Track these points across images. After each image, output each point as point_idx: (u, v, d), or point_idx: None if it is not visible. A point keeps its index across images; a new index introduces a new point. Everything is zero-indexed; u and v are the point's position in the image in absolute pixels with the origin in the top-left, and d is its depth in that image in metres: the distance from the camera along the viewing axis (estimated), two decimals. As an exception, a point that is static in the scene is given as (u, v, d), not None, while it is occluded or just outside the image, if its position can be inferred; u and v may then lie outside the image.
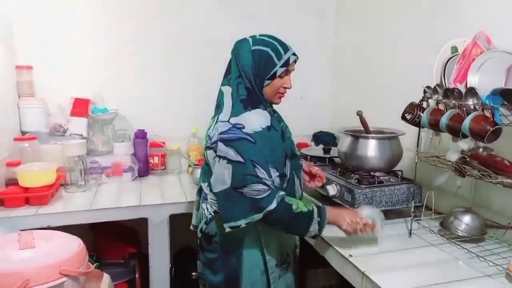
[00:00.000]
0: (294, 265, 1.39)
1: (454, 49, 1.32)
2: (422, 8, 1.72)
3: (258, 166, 1.15)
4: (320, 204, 1.25)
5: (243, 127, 1.17)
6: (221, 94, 1.28)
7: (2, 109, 1.76)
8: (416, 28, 1.75)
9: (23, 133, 1.92)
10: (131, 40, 2.16)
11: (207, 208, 1.31)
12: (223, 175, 1.17)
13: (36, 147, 1.79)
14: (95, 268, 1.33)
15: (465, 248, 1.20)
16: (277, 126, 1.28)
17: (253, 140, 1.16)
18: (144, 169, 2.10)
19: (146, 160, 2.12)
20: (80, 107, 2.00)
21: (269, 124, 1.21)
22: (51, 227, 1.45)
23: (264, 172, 1.16)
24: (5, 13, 1.90)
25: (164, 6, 2.20)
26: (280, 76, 1.25)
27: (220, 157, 1.18)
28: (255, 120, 1.19)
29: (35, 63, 1.99)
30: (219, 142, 1.18)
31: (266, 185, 1.15)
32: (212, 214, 1.29)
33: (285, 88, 1.28)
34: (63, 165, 1.80)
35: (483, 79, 1.18)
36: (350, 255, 1.20)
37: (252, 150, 1.16)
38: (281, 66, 1.23)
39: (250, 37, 1.27)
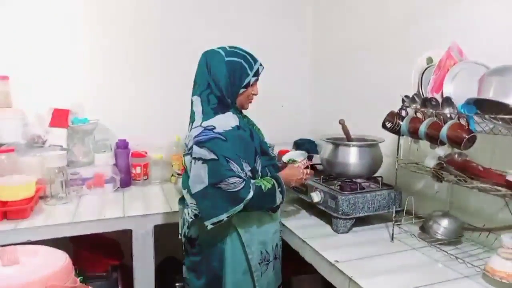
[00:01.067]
0: (275, 262, 1.43)
1: (430, 60, 1.39)
2: (399, 18, 1.79)
3: (231, 161, 1.23)
4: (274, 174, 1.38)
5: (214, 128, 1.26)
6: (192, 104, 1.35)
7: (-23, 121, 1.70)
8: (394, 37, 1.81)
9: (0, 145, 1.86)
10: (111, 49, 2.14)
11: (188, 213, 1.36)
12: (200, 175, 1.24)
13: (13, 159, 1.74)
14: (80, 282, 1.31)
15: (444, 251, 1.25)
16: (246, 127, 1.36)
17: (224, 138, 1.24)
18: (126, 180, 2.07)
19: (128, 170, 2.10)
20: (60, 117, 1.96)
21: (238, 124, 1.31)
22: (31, 242, 1.41)
23: (237, 166, 1.24)
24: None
25: (144, 15, 2.19)
26: (251, 85, 1.36)
27: (195, 158, 1.24)
28: (225, 121, 1.29)
29: (11, 73, 1.94)
30: (194, 146, 1.25)
31: (240, 177, 1.23)
32: (193, 217, 1.33)
33: (254, 95, 1.41)
34: (42, 177, 1.76)
35: (458, 89, 1.24)
36: (337, 261, 1.23)
37: (224, 147, 1.23)
38: (253, 76, 1.34)
39: (220, 48, 1.35)
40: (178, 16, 2.25)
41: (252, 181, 1.29)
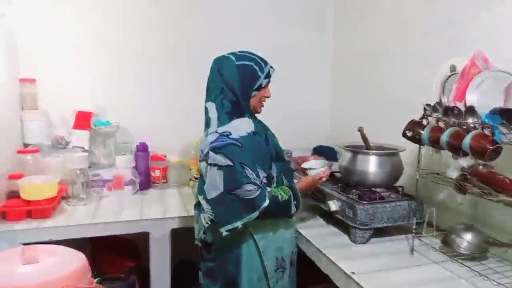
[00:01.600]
0: (291, 269, 1.42)
1: (453, 68, 1.35)
2: (422, 26, 1.75)
3: (247, 168, 1.22)
4: (292, 185, 1.39)
5: (230, 134, 1.25)
6: (206, 111, 1.35)
7: (5, 122, 1.77)
8: (416, 44, 1.78)
9: (26, 145, 1.93)
10: (134, 53, 2.20)
11: (204, 218, 1.35)
12: (215, 182, 1.23)
13: (38, 159, 1.80)
14: (97, 283, 1.33)
15: (468, 267, 1.20)
16: (261, 132, 1.36)
17: (240, 144, 1.24)
18: (145, 182, 2.10)
19: (148, 173, 2.13)
20: (83, 120, 2.01)
21: (253, 130, 1.30)
22: (52, 241, 1.45)
23: (253, 173, 1.23)
24: (9, 27, 1.92)
25: (166, 20, 2.24)
26: (263, 87, 1.36)
27: (211, 165, 1.24)
28: (240, 126, 1.28)
29: (38, 76, 2.01)
30: (209, 152, 1.25)
31: (256, 184, 1.22)
32: (209, 223, 1.33)
33: (266, 97, 1.40)
34: (65, 178, 1.81)
35: (482, 98, 1.20)
36: (353, 272, 1.20)
37: (239, 153, 1.23)
38: (264, 78, 1.34)
39: (230, 54, 1.36)
40: (196, 22, 2.29)
41: (268, 189, 1.28)
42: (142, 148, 2.13)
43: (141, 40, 2.20)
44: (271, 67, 1.37)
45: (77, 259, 1.06)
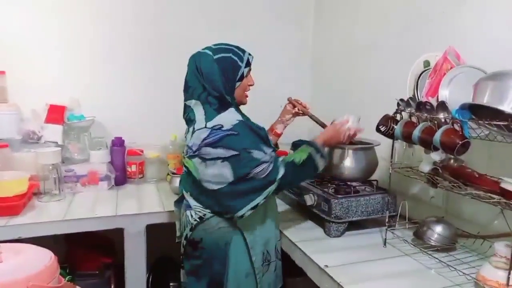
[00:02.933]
0: (276, 261, 1.43)
1: (427, 63, 1.36)
2: (397, 21, 1.77)
3: (252, 150, 1.22)
4: (309, 141, 1.35)
5: (222, 126, 1.23)
6: (189, 109, 1.32)
7: (-28, 116, 1.70)
8: (391, 41, 1.80)
9: (-5, 140, 1.86)
10: (109, 46, 2.14)
11: (191, 215, 1.33)
12: (222, 174, 1.21)
13: (7, 155, 1.74)
14: (68, 281, 1.30)
15: (437, 258, 1.23)
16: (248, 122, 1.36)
17: (236, 133, 1.22)
18: (121, 178, 2.06)
19: (124, 168, 2.09)
20: (56, 113, 1.96)
21: (241, 119, 1.29)
22: (22, 239, 1.40)
23: (259, 152, 1.23)
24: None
25: (143, 12, 2.18)
26: (245, 76, 1.34)
27: (211, 159, 1.22)
28: (229, 117, 1.26)
29: (7, 68, 1.93)
30: (205, 148, 1.22)
31: (266, 161, 1.22)
32: (198, 220, 1.31)
33: (250, 85, 1.38)
34: (36, 173, 1.76)
35: (454, 93, 1.22)
36: (326, 266, 1.21)
37: (239, 140, 1.22)
38: (245, 67, 1.32)
39: (206, 49, 1.33)
40: (176, 14, 2.24)
41: (281, 158, 1.28)
42: (118, 143, 2.09)
43: (117, 32, 2.14)
44: (249, 54, 1.35)
45: (45, 258, 1.03)
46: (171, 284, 2.05)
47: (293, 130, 2.49)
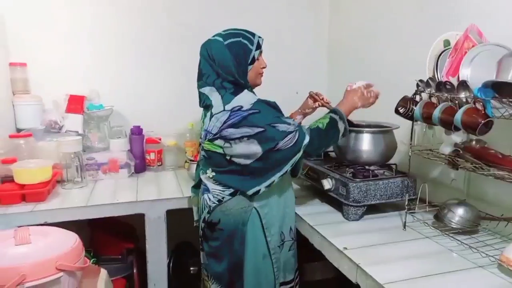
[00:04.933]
0: (292, 242, 1.46)
1: (447, 43, 1.33)
2: (415, 0, 1.72)
3: (276, 124, 1.25)
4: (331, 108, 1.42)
5: (241, 107, 1.25)
6: (204, 96, 1.34)
7: (-3, 107, 1.76)
8: (410, 21, 1.75)
9: (18, 130, 1.92)
10: (126, 36, 2.16)
11: (209, 198, 1.36)
12: (250, 151, 1.25)
13: (31, 144, 1.79)
14: (92, 263, 1.34)
15: (458, 240, 1.21)
16: None
17: (257, 110, 1.25)
18: (140, 165, 2.10)
19: (143, 156, 2.13)
20: (76, 103, 2.00)
21: (257, 97, 1.32)
22: (48, 224, 1.45)
23: (283, 125, 1.26)
24: (-2, 11, 1.89)
25: (159, 2, 2.19)
26: (257, 59, 1.35)
27: (236, 139, 1.25)
28: (246, 97, 1.29)
29: (29, 60, 1.98)
30: (226, 129, 1.25)
31: (291, 131, 1.26)
32: (217, 203, 1.34)
33: (263, 68, 1.39)
34: (59, 162, 1.81)
35: (475, 72, 1.18)
36: (345, 248, 1.21)
37: (262, 117, 1.25)
38: (256, 49, 1.33)
39: (215, 35, 1.35)
40: (190, 3, 2.24)
41: (306, 126, 1.32)
42: (137, 131, 2.12)
43: (134, 22, 2.16)
44: (259, 37, 1.36)
45: (71, 240, 1.07)
46: (191, 268, 2.10)
47: (310, 116, 2.49)
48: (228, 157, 1.29)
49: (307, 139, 1.28)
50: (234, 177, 1.32)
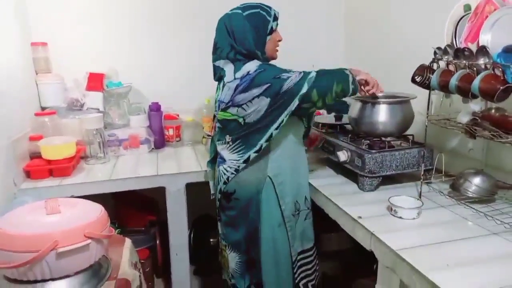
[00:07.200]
0: (307, 211, 1.51)
1: (467, 7, 1.28)
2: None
3: (281, 74, 1.29)
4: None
5: (249, 72, 1.31)
6: (218, 69, 1.39)
7: (21, 86, 1.81)
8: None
9: (43, 108, 1.99)
10: (143, 13, 2.17)
11: (225, 169, 1.41)
12: (261, 105, 1.29)
13: (56, 121, 1.86)
14: (117, 233, 1.41)
15: (474, 208, 1.21)
16: None
17: (262, 69, 1.31)
18: (160, 141, 2.16)
19: (162, 132, 2.18)
20: (95, 81, 2.05)
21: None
22: (74, 197, 1.53)
23: (288, 73, 1.30)
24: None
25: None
26: (275, 30, 1.40)
27: (248, 101, 1.29)
28: (254, 63, 1.34)
29: (49, 40, 2.03)
30: (238, 95, 1.30)
31: (295, 73, 1.29)
32: (234, 173, 1.39)
33: (279, 41, 1.43)
34: (82, 138, 1.88)
35: (497, 38, 1.14)
36: (360, 217, 1.23)
37: (267, 74, 1.29)
38: (273, 21, 1.38)
39: (234, 9, 1.39)
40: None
41: (312, 73, 1.33)
42: (155, 108, 2.16)
43: (150, 2, 2.17)
44: (275, 10, 1.41)
45: (97, 210, 1.13)
46: (211, 240, 2.18)
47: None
48: (241, 120, 1.33)
49: (312, 73, 1.30)
50: (245, 139, 1.36)
